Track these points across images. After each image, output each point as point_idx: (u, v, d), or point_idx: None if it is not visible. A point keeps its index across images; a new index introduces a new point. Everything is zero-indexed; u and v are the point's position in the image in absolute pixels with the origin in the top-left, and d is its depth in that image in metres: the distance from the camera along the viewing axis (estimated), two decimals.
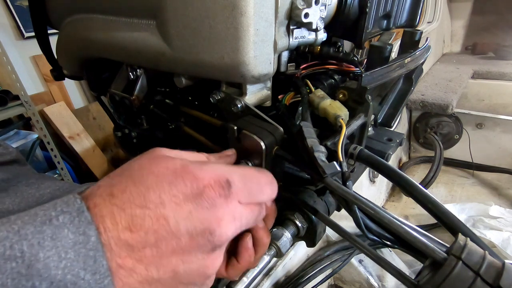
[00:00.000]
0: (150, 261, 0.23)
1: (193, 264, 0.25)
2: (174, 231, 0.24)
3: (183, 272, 0.25)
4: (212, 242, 0.25)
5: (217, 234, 0.25)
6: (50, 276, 0.20)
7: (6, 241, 0.20)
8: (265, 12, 0.32)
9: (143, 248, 0.23)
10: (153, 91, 0.54)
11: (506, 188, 1.62)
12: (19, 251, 0.20)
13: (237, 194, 0.27)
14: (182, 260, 0.24)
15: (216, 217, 0.25)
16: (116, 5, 0.43)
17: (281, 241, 0.37)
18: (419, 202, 0.31)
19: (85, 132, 2.33)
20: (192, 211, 0.25)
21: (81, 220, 0.22)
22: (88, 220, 0.22)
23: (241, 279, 0.35)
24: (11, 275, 0.19)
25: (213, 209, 0.25)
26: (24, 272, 0.19)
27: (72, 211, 0.22)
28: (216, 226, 0.25)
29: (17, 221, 0.21)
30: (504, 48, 2.20)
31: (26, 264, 0.19)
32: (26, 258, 0.19)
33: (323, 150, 0.33)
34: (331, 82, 0.50)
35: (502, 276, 0.23)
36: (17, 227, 0.20)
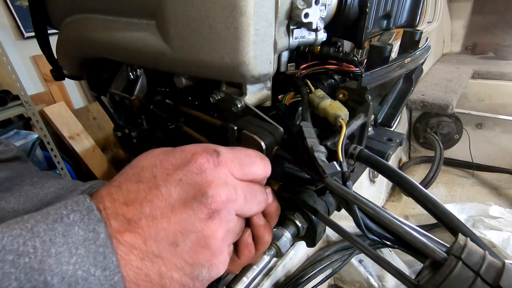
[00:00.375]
0: (147, 233, 0.23)
1: (192, 235, 0.24)
2: (167, 197, 0.25)
3: (184, 245, 0.24)
4: (207, 205, 0.25)
5: (210, 195, 0.25)
6: (62, 271, 0.20)
7: (19, 238, 0.20)
8: (265, 12, 0.32)
9: (139, 220, 0.24)
10: (153, 91, 0.54)
11: (506, 188, 1.62)
12: (32, 247, 0.20)
13: (227, 163, 0.27)
14: (181, 232, 0.24)
15: (206, 180, 0.25)
16: (116, 5, 0.43)
17: (281, 241, 0.37)
18: (419, 202, 0.31)
19: (85, 132, 2.33)
20: (182, 178, 0.25)
21: (90, 218, 0.23)
22: (98, 218, 0.23)
23: (241, 279, 0.34)
24: (24, 269, 0.20)
25: (203, 173, 0.26)
26: (36, 267, 0.20)
27: (82, 209, 0.23)
28: (207, 188, 0.25)
29: (30, 220, 0.22)
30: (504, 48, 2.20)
31: (38, 260, 0.20)
32: (38, 254, 0.20)
33: (323, 150, 0.33)
34: (331, 82, 0.50)
35: (502, 276, 0.23)
36: (30, 225, 0.21)
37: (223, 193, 0.26)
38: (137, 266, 0.23)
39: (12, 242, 0.20)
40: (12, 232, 0.20)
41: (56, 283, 0.20)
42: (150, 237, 0.24)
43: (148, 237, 0.23)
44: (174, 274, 0.24)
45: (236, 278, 0.35)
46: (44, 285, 0.20)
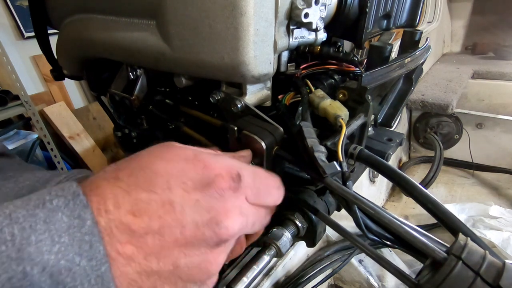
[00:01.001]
0: (151, 250, 0.22)
1: (195, 258, 0.24)
2: (180, 218, 0.23)
3: (184, 266, 0.23)
4: (218, 235, 0.24)
5: (224, 226, 0.24)
6: (43, 261, 0.19)
7: None
8: (265, 12, 0.32)
9: (145, 235, 0.22)
10: (153, 91, 0.54)
11: (506, 188, 1.62)
12: (9, 234, 0.19)
13: (246, 190, 0.27)
14: (185, 253, 0.23)
15: (224, 208, 0.24)
16: (116, 5, 0.43)
17: (281, 241, 0.37)
18: (419, 202, 0.31)
19: (85, 132, 2.33)
20: (199, 200, 0.24)
21: (76, 203, 0.21)
22: (84, 203, 0.21)
23: (241, 279, 0.34)
24: (0, 259, 0.18)
25: (222, 199, 0.25)
26: (14, 256, 0.18)
27: (67, 194, 0.21)
28: (223, 217, 0.24)
29: (9, 206, 0.20)
30: (504, 48, 2.20)
31: (16, 248, 0.18)
32: (16, 242, 0.18)
33: (323, 150, 0.33)
34: (331, 82, 0.50)
35: (503, 276, 0.23)
36: (8, 211, 0.20)
37: (236, 225, 0.25)
38: (132, 278, 0.22)
39: None
40: None
41: (36, 274, 0.18)
42: (152, 254, 0.22)
43: (150, 254, 0.22)
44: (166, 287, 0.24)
45: (236, 278, 0.35)
46: (23, 275, 0.18)
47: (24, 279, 0.18)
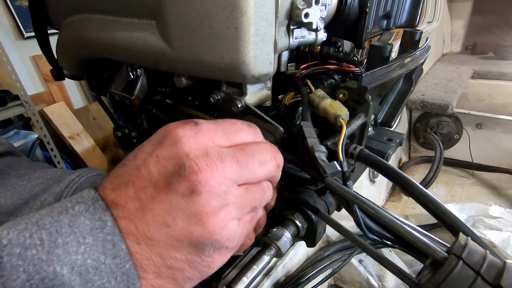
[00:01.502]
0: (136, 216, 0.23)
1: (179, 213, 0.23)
2: (147, 177, 0.23)
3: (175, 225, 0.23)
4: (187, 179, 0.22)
5: (188, 166, 0.23)
6: (71, 261, 0.20)
7: (25, 231, 0.20)
8: (265, 12, 0.32)
9: (126, 204, 0.23)
10: (153, 91, 0.54)
11: (506, 188, 1.62)
12: (38, 239, 0.20)
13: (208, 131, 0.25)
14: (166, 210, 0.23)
15: (183, 151, 0.23)
16: (116, 5, 0.43)
17: (281, 241, 0.37)
18: (420, 202, 0.31)
19: (85, 132, 2.33)
20: (158, 154, 0.24)
21: (96, 208, 0.22)
22: (103, 207, 0.23)
23: (241, 279, 0.34)
24: (32, 261, 0.19)
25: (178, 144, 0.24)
26: (44, 258, 0.20)
27: (87, 200, 0.23)
28: (184, 159, 0.23)
29: (35, 215, 0.22)
30: (504, 48, 2.20)
31: (46, 251, 0.20)
32: (45, 245, 0.20)
33: (323, 150, 0.33)
34: (331, 82, 0.50)
35: (503, 275, 0.23)
36: (35, 219, 0.21)
37: (203, 162, 0.23)
38: (135, 251, 0.22)
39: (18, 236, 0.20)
40: (18, 227, 0.20)
41: (66, 273, 0.20)
42: (140, 220, 0.23)
43: (138, 221, 0.23)
44: (176, 254, 0.23)
45: (236, 278, 0.35)
46: (54, 275, 0.19)
47: (55, 279, 0.19)
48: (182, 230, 0.23)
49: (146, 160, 0.24)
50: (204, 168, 0.23)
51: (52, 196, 0.34)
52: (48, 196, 0.34)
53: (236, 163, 0.25)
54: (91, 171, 0.38)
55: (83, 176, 0.37)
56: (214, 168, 0.23)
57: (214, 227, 0.23)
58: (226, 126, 0.27)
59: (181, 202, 0.23)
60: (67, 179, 0.36)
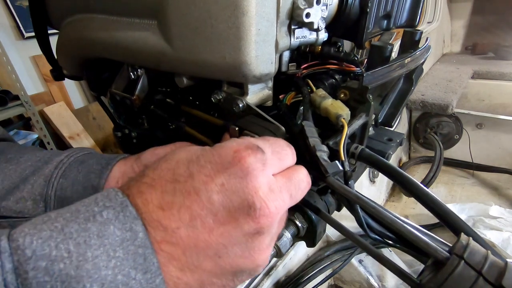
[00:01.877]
0: (187, 243, 0.21)
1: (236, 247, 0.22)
2: (207, 205, 0.22)
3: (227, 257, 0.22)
4: (255, 219, 0.22)
5: (258, 208, 0.22)
6: (101, 277, 0.18)
7: (50, 240, 0.18)
8: (266, 12, 0.32)
9: (178, 229, 0.21)
10: (154, 91, 0.54)
11: (506, 188, 1.62)
12: (65, 251, 0.18)
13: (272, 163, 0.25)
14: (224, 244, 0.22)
15: (252, 187, 0.22)
16: (116, 5, 0.43)
17: (281, 241, 0.37)
18: (421, 201, 0.31)
19: (85, 132, 2.33)
20: (224, 183, 0.22)
21: (126, 215, 0.20)
22: (134, 215, 0.21)
23: None
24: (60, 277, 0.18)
25: (248, 177, 0.22)
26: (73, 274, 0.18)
27: (115, 205, 0.21)
28: (255, 198, 0.22)
29: (58, 219, 0.20)
30: (504, 48, 2.20)
31: (74, 265, 0.18)
32: (73, 259, 0.18)
33: (325, 150, 0.33)
34: (332, 82, 0.50)
35: (505, 275, 0.23)
36: (60, 225, 0.19)
37: (272, 204, 0.22)
38: (177, 276, 0.21)
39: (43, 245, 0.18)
40: (42, 234, 0.18)
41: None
42: (190, 248, 0.21)
43: (188, 248, 0.21)
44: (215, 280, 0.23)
45: None
46: None
47: None
48: (232, 262, 0.23)
49: (208, 186, 0.22)
50: (273, 212, 0.22)
51: (41, 178, 0.34)
52: (37, 178, 0.34)
53: (289, 198, 0.25)
54: (80, 151, 0.38)
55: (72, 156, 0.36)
56: (279, 210, 0.23)
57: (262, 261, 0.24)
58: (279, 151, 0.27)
59: (242, 239, 0.22)
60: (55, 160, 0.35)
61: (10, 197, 0.33)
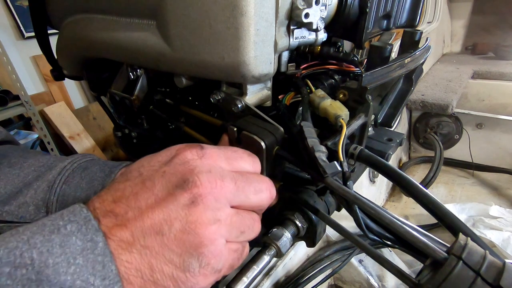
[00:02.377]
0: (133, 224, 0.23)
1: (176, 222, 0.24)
2: (151, 189, 0.25)
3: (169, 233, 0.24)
4: (188, 190, 0.24)
5: (191, 181, 0.25)
6: (60, 282, 0.20)
7: (16, 250, 0.20)
8: (265, 12, 0.32)
9: (126, 213, 0.24)
10: (153, 91, 0.54)
11: (506, 188, 1.62)
12: (29, 259, 0.20)
13: (212, 155, 0.28)
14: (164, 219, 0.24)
15: (189, 168, 0.26)
16: (116, 5, 0.43)
17: (281, 241, 0.37)
18: (420, 202, 0.31)
19: (85, 132, 2.33)
20: (165, 170, 0.26)
21: (88, 228, 0.22)
22: (95, 227, 0.23)
23: (241, 279, 0.34)
24: (21, 281, 0.19)
25: (186, 164, 0.26)
26: (34, 278, 0.20)
27: (79, 220, 0.23)
28: (188, 175, 0.25)
29: (26, 232, 0.21)
30: (504, 48, 2.20)
31: (36, 271, 0.20)
32: (36, 265, 0.20)
33: (323, 150, 0.33)
34: (331, 82, 0.50)
35: (503, 275, 0.23)
36: (26, 237, 0.21)
37: (205, 178, 0.25)
38: (126, 260, 0.23)
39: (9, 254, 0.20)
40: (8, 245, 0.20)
41: None
42: (136, 228, 0.23)
43: (135, 229, 0.23)
44: (164, 267, 0.24)
45: (236, 278, 0.35)
46: None
47: None
48: (175, 239, 0.24)
49: (152, 175, 0.26)
50: (205, 183, 0.25)
51: (45, 184, 0.34)
52: (41, 184, 0.34)
53: (233, 184, 0.27)
54: (83, 157, 0.38)
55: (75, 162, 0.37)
56: (214, 185, 0.25)
57: (205, 237, 0.24)
58: (228, 152, 0.30)
59: (180, 212, 0.24)
60: (59, 166, 0.36)
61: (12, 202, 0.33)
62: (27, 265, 0.20)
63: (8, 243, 0.20)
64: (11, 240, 0.21)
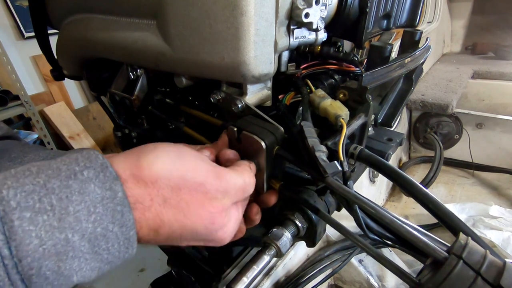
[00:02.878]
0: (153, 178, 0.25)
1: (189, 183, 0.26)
2: None
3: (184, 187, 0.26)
4: None
5: None
6: (82, 229, 0.21)
7: (34, 194, 0.20)
8: (265, 12, 0.32)
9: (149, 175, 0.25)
10: (153, 91, 0.54)
11: (506, 188, 1.62)
12: (48, 204, 0.20)
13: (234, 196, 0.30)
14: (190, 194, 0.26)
15: None
16: (116, 5, 0.43)
17: (281, 241, 0.37)
18: (420, 202, 0.31)
19: (85, 132, 2.33)
20: None
21: (106, 175, 0.23)
22: (114, 175, 0.23)
23: (241, 279, 0.34)
24: (44, 227, 0.19)
25: None
26: (56, 225, 0.20)
27: (96, 166, 0.23)
28: None
29: (40, 175, 0.21)
30: (504, 48, 2.19)
31: (57, 217, 0.20)
32: (56, 212, 0.20)
33: (324, 150, 0.33)
34: (332, 82, 0.50)
35: (503, 275, 0.23)
36: (42, 181, 0.21)
37: None
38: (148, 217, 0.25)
39: (27, 198, 0.19)
40: (25, 188, 0.20)
41: (77, 240, 0.21)
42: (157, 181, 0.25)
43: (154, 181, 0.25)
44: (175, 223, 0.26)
45: (236, 278, 0.35)
46: (65, 241, 0.20)
47: (67, 245, 0.20)
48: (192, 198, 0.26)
49: None
50: None
51: None
52: None
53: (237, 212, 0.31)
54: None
55: None
56: None
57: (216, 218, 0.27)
58: None
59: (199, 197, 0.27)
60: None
61: None
62: (48, 211, 0.20)
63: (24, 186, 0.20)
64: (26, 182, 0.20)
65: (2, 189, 0.19)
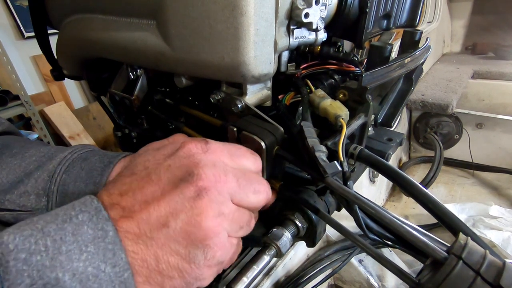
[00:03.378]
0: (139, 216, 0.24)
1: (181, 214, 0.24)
2: (157, 182, 0.26)
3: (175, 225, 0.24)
4: (193, 183, 0.25)
5: (195, 173, 0.25)
6: (72, 268, 0.21)
7: (31, 237, 0.21)
8: (265, 12, 0.32)
9: (133, 206, 0.25)
10: (153, 91, 0.54)
11: (506, 188, 1.62)
12: (43, 246, 0.21)
13: (216, 150, 0.28)
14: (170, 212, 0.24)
15: (194, 162, 0.26)
16: (116, 5, 0.43)
17: (281, 241, 0.37)
18: (420, 202, 0.31)
19: (85, 132, 2.33)
20: (171, 164, 0.27)
21: (99, 218, 0.23)
22: (106, 217, 0.23)
23: (241, 279, 0.34)
24: (36, 267, 0.20)
25: (191, 157, 0.27)
26: (48, 264, 0.20)
27: (90, 210, 0.24)
28: (193, 168, 0.26)
29: (39, 222, 0.22)
30: (504, 48, 2.20)
31: (49, 257, 0.21)
32: (49, 252, 0.21)
33: (323, 150, 0.33)
34: (331, 82, 0.50)
35: (503, 275, 0.23)
36: (40, 226, 0.22)
37: (210, 172, 0.26)
38: (132, 250, 0.23)
39: (24, 241, 0.21)
40: (24, 233, 0.21)
41: (68, 280, 0.21)
42: (143, 220, 0.24)
43: (141, 221, 0.24)
44: (170, 258, 0.24)
45: (236, 278, 0.35)
46: (56, 281, 0.20)
47: (57, 285, 0.20)
48: (181, 231, 0.24)
49: (157, 169, 0.27)
50: (210, 177, 0.26)
51: (45, 173, 0.35)
52: (41, 174, 0.35)
53: (236, 181, 0.27)
54: (83, 148, 0.39)
55: (75, 153, 0.37)
56: (218, 179, 0.26)
57: (209, 230, 0.25)
58: (232, 149, 0.30)
59: (186, 205, 0.25)
60: (59, 156, 0.37)
61: (14, 191, 0.34)
62: (42, 252, 0.21)
63: (23, 231, 0.21)
64: (26, 228, 0.21)
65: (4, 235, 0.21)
